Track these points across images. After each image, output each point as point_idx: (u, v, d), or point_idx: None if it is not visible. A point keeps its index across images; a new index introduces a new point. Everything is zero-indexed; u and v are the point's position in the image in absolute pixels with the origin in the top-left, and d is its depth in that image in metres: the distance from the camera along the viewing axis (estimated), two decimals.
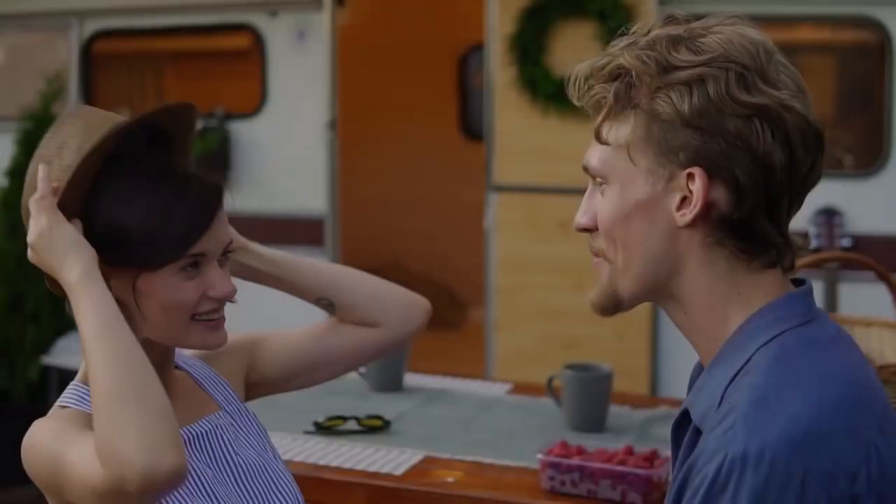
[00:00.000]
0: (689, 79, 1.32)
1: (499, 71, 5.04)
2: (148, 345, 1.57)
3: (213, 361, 1.83)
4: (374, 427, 2.67)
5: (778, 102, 1.31)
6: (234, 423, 1.76)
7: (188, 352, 1.83)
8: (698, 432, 1.34)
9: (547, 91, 4.86)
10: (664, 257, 1.38)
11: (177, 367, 1.76)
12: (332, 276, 1.94)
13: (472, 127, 7.24)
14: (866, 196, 4.74)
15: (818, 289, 4.55)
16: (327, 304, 1.93)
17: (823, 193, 4.67)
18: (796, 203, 1.38)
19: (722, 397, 1.31)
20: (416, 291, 1.97)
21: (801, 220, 5.00)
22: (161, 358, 1.64)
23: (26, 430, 1.55)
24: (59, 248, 1.52)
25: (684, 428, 1.40)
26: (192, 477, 1.61)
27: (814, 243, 4.62)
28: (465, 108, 7.52)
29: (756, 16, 5.03)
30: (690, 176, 1.33)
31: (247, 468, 1.72)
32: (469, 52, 7.25)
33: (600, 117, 1.40)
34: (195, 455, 1.67)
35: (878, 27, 4.72)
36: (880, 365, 2.20)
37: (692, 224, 1.35)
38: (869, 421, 1.27)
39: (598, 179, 1.42)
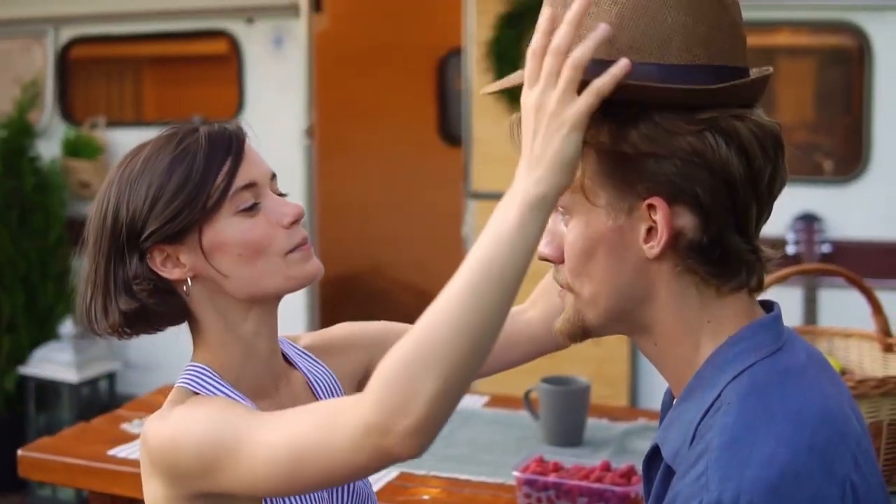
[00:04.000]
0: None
1: (476, 77, 5.01)
2: (243, 311, 1.55)
3: (329, 357, 1.74)
4: None
5: (727, 112, 1.27)
6: None
7: (305, 340, 1.75)
8: (670, 470, 1.30)
9: None
10: (633, 290, 1.34)
11: (291, 364, 1.69)
12: None
13: (452, 132, 7.22)
14: (846, 202, 4.73)
15: (798, 296, 4.56)
16: None
17: (803, 199, 4.67)
18: (765, 212, 1.34)
19: (693, 435, 1.27)
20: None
21: (779, 227, 4.99)
22: (259, 328, 1.58)
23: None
24: (547, 135, 1.23)
25: (656, 463, 1.36)
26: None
27: (793, 250, 4.61)
28: (445, 112, 7.49)
29: None
30: (651, 207, 1.28)
31: (355, 492, 1.65)
32: (448, 55, 7.22)
33: None
34: None
35: (857, 32, 4.71)
36: (859, 379, 2.18)
37: (661, 255, 1.30)
38: (844, 455, 1.23)
39: (562, 209, 1.37)
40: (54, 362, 5.31)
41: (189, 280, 1.53)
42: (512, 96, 4.87)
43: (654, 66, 1.25)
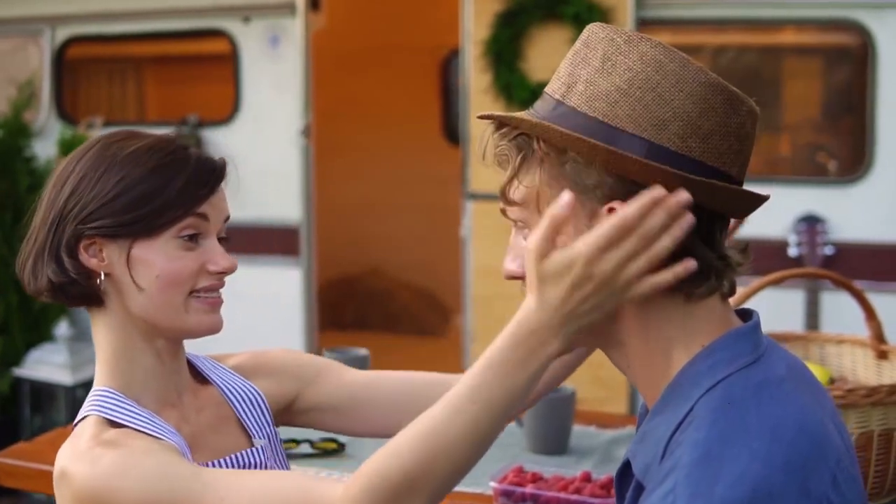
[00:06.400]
0: None
1: (474, 76, 4.95)
2: (152, 334, 1.54)
3: (257, 377, 1.72)
4: (329, 450, 2.58)
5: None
6: (264, 461, 1.63)
7: (234, 360, 1.74)
8: (641, 486, 1.24)
9: (522, 97, 4.76)
10: None
11: (207, 380, 1.66)
12: None
13: (457, 131, 7.16)
14: (850, 203, 4.64)
15: (800, 299, 4.48)
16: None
17: (805, 201, 4.59)
18: (726, 223, 1.30)
19: (664, 451, 1.21)
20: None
21: (782, 228, 4.90)
22: (161, 344, 1.57)
23: None
24: (596, 302, 1.23)
25: (628, 478, 1.30)
26: None
27: (795, 252, 4.53)
28: (449, 112, 7.44)
29: (740, 19, 4.89)
30: (611, 211, 1.23)
31: None
32: (452, 55, 7.16)
33: (507, 175, 1.32)
34: None
35: (861, 31, 4.64)
36: (849, 388, 2.11)
37: None
38: (822, 473, 1.17)
39: (520, 223, 1.33)
40: (49, 364, 5.28)
41: (103, 275, 1.53)
42: (509, 96, 4.83)
43: (645, 142, 1.22)
